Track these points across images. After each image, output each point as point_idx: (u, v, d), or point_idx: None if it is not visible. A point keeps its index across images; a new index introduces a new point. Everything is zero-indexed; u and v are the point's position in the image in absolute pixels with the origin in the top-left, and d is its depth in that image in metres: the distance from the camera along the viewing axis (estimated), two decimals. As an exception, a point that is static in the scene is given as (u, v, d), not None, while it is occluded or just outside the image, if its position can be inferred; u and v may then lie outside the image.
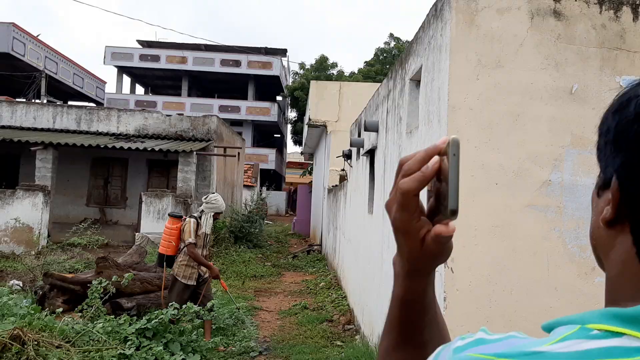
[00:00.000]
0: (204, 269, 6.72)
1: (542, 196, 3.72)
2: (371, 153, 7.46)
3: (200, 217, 6.73)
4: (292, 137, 41.44)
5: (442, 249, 0.75)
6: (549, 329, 0.64)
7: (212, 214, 6.73)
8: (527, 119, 3.74)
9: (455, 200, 0.68)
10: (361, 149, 8.33)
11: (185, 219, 6.74)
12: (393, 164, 5.78)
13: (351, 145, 8.54)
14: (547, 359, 0.58)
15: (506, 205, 3.72)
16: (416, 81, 5.02)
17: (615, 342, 0.57)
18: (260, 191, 31.20)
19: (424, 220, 0.74)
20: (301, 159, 41.57)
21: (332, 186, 14.44)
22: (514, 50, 3.78)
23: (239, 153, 19.97)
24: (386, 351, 0.84)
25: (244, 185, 26.91)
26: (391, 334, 0.84)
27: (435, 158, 0.70)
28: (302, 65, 37.62)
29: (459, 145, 0.69)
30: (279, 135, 46.49)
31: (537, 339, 0.62)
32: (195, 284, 6.65)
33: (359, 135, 8.50)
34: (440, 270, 3.75)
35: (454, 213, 0.69)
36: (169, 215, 7.18)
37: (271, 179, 39.40)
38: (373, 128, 6.85)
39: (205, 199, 6.87)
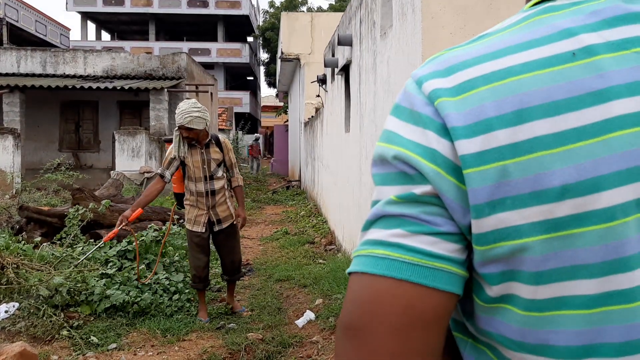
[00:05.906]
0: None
1: (519, 81, 3.69)
2: (346, 70, 7.35)
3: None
4: (265, 80, 40.83)
5: None
6: None
7: (177, 129, 4.71)
8: (501, 1, 3.67)
9: None
10: (335, 69, 8.21)
11: None
12: (368, 73, 5.70)
13: (325, 66, 8.41)
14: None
15: (483, 92, 3.68)
16: (389, -19, 4.88)
17: None
18: (236, 134, 30.96)
19: None
20: (276, 102, 41.13)
21: (309, 118, 14.35)
22: None
23: (211, 93, 19.61)
24: None
25: (219, 129, 26.57)
26: None
27: None
28: (271, 4, 36.70)
29: None
30: (252, 78, 45.72)
31: None
32: (203, 230, 4.85)
33: (333, 55, 8.36)
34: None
35: None
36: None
37: (246, 123, 39.03)
38: (347, 41, 6.72)
39: None
